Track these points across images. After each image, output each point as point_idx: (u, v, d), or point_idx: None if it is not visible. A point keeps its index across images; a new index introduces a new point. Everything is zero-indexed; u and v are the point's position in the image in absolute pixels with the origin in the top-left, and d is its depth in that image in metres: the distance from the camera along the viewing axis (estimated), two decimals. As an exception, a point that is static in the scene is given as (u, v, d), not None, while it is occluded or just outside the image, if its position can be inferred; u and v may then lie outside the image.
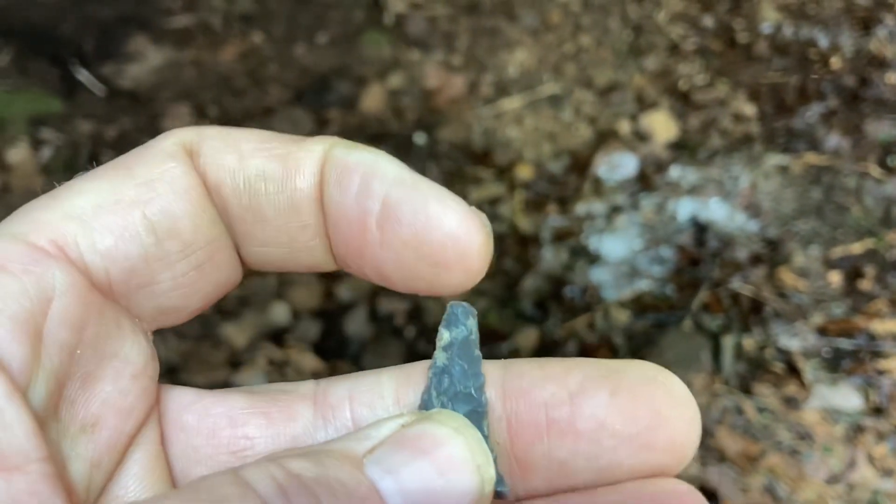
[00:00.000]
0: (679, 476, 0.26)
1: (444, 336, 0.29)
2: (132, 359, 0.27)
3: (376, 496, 0.22)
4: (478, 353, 0.29)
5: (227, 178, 0.27)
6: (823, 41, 1.72)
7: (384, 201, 0.27)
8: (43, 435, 0.23)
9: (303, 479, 0.22)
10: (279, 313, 1.27)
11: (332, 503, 0.21)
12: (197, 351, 1.22)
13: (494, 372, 0.28)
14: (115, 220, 0.26)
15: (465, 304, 0.29)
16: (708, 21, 1.75)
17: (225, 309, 1.28)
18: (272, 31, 1.64)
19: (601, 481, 0.26)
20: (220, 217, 0.28)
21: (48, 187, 0.27)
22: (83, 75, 1.53)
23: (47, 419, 0.24)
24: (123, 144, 1.48)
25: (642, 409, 0.26)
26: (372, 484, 0.23)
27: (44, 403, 0.24)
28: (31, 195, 0.26)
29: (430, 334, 1.25)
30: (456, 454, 0.24)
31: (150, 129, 1.50)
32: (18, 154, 1.41)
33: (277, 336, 1.26)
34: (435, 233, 0.26)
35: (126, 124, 1.51)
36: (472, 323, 0.29)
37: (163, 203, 0.26)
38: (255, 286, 1.31)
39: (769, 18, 1.75)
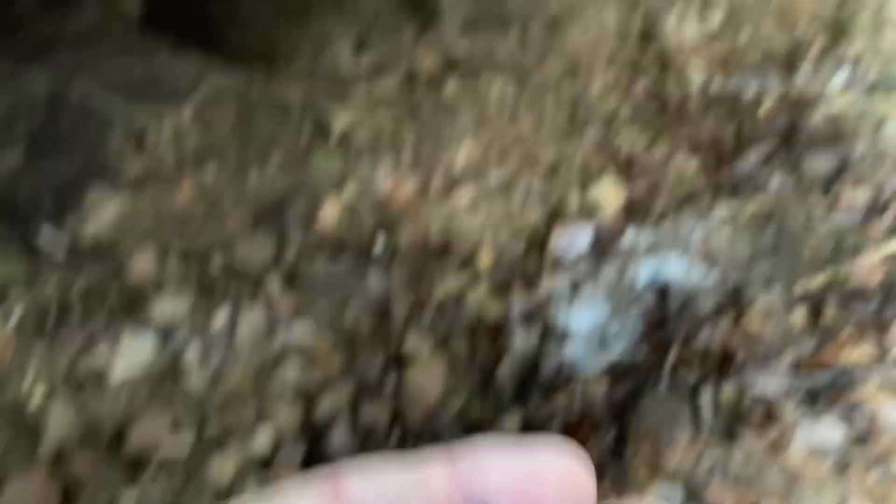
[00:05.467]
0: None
1: None
2: None
3: None
4: None
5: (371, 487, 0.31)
6: (753, 88, 1.80)
7: None
8: None
9: None
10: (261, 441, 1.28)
11: None
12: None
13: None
14: None
15: None
16: (639, 87, 1.83)
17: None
18: (223, 162, 1.69)
19: None
20: None
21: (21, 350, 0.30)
22: (45, 234, 1.57)
23: None
24: (92, 297, 1.50)
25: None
26: None
27: None
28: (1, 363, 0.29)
29: (413, 440, 1.27)
30: None
31: (118, 276, 1.53)
32: (-10, 321, 1.43)
33: (264, 464, 1.27)
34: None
35: (93, 275, 1.53)
36: None
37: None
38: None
39: (697, 76, 1.83)
